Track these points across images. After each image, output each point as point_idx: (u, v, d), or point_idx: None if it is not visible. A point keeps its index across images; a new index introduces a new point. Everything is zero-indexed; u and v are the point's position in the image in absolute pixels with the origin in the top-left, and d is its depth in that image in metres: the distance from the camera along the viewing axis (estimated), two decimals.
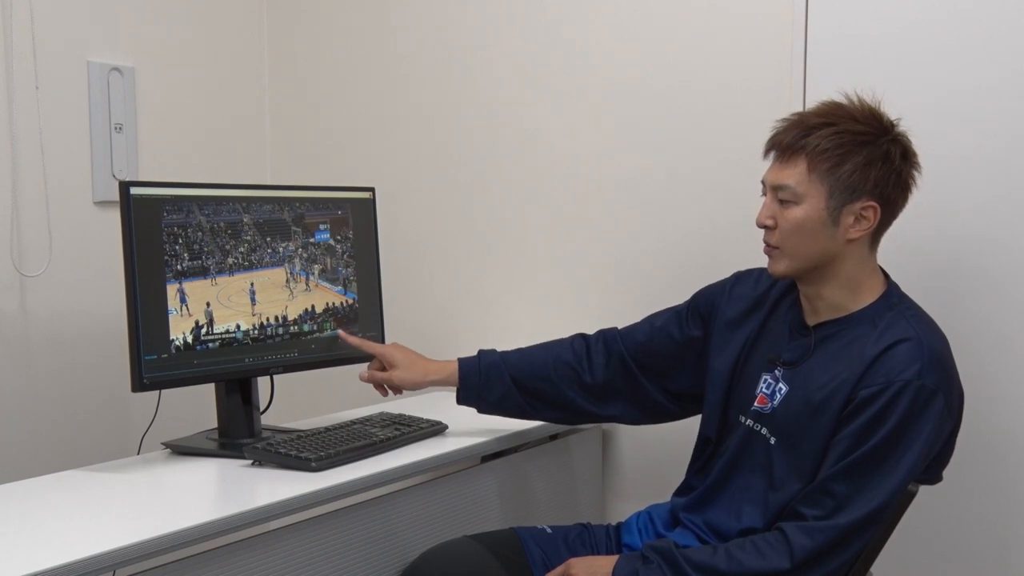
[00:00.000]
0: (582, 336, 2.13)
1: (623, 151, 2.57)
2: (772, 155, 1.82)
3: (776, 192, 1.79)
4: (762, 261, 1.89)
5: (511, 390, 2.10)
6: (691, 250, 2.49)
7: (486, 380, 2.10)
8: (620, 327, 2.14)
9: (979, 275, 2.16)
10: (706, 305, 2.03)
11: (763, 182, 1.84)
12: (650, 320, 2.11)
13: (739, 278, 2.03)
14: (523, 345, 2.18)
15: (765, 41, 2.36)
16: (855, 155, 1.74)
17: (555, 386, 2.09)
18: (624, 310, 2.58)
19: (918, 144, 1.83)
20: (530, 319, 2.71)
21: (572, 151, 2.64)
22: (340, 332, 2.24)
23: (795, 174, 1.76)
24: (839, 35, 2.26)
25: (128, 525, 1.64)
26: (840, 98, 1.82)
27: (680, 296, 2.40)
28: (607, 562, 1.81)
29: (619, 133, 2.57)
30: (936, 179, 2.10)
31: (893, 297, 1.82)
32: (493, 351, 2.15)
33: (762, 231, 1.84)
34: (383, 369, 2.17)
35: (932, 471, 1.80)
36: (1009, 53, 2.11)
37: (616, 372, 2.07)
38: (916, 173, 1.81)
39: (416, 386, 2.17)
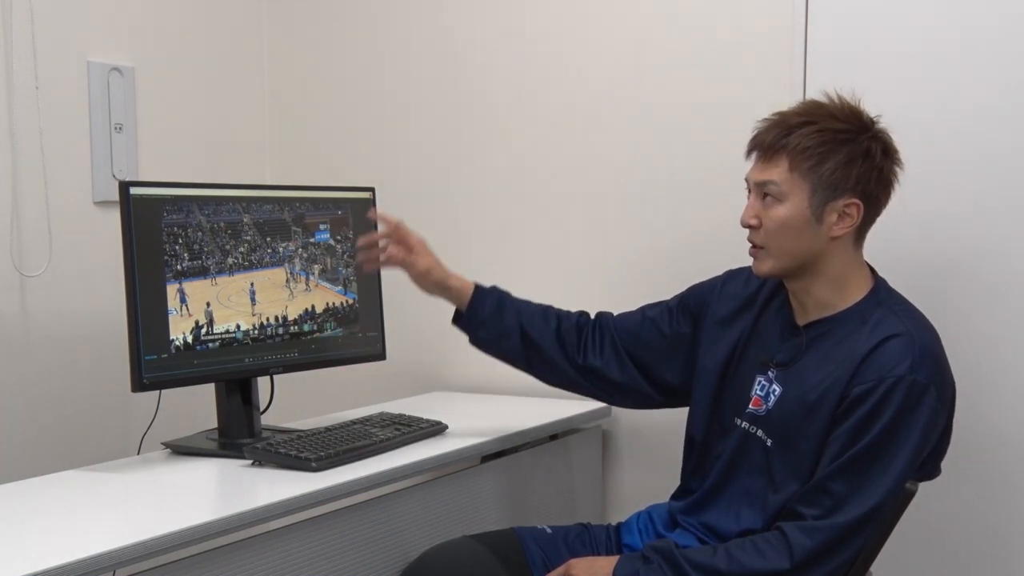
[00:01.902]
0: (586, 314, 2.12)
1: (622, 151, 2.57)
2: (755, 155, 1.83)
3: (759, 191, 1.80)
4: None
5: (513, 331, 2.05)
6: (690, 250, 2.48)
7: (497, 311, 2.05)
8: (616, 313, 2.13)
9: (969, 273, 2.16)
10: (696, 303, 2.03)
11: (747, 181, 1.84)
12: (643, 310, 2.10)
13: (730, 276, 2.03)
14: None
15: (764, 42, 2.36)
16: (836, 153, 1.74)
17: (554, 349, 2.06)
18: (622, 306, 2.59)
19: (914, 144, 1.84)
20: None
21: (571, 150, 2.64)
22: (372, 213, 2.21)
23: (777, 173, 1.77)
24: (838, 37, 2.26)
25: (128, 525, 1.64)
26: (822, 97, 1.83)
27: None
28: (607, 562, 1.81)
29: (618, 133, 2.57)
30: (933, 179, 2.11)
31: (881, 293, 1.82)
32: (509, 293, 2.11)
33: None
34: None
35: (929, 466, 1.80)
36: (1006, 55, 2.11)
37: (608, 358, 2.06)
38: (898, 169, 1.81)
39: (431, 288, 2.08)
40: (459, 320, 2.11)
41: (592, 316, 2.12)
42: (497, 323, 2.06)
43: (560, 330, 2.07)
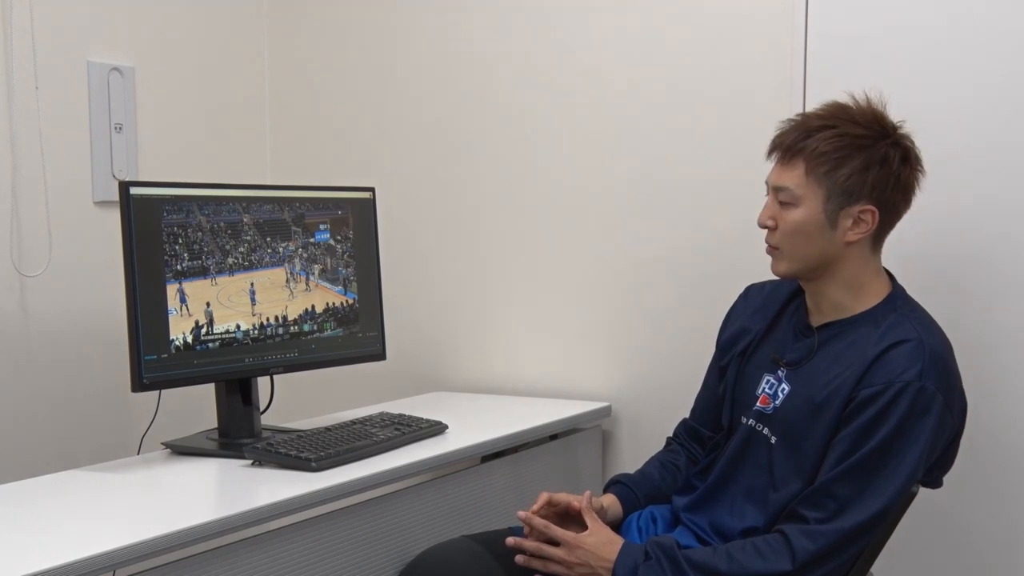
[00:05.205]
0: (674, 443, 2.10)
1: (623, 152, 2.57)
2: (775, 156, 1.82)
3: (777, 193, 1.80)
4: (763, 268, 1.89)
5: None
6: (689, 251, 2.48)
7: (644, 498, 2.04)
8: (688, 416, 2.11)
9: (985, 276, 2.15)
10: (729, 340, 2.01)
11: (766, 183, 1.84)
12: (703, 385, 2.08)
13: (748, 292, 2.05)
14: (526, 345, 2.11)
15: (765, 42, 2.36)
16: (852, 159, 1.74)
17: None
18: (622, 307, 2.59)
19: (918, 144, 1.83)
20: (529, 318, 2.71)
21: (572, 152, 2.64)
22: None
23: (794, 176, 1.77)
24: (839, 36, 2.26)
25: (128, 525, 1.64)
26: (846, 99, 1.82)
27: (675, 299, 2.41)
28: (611, 549, 1.78)
29: (619, 134, 2.57)
30: (937, 179, 2.10)
31: (897, 299, 1.82)
32: (632, 480, 2.04)
33: (763, 233, 1.84)
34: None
35: (933, 476, 1.81)
36: (1008, 53, 2.11)
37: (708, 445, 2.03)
38: (920, 175, 1.81)
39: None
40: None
41: (677, 437, 2.10)
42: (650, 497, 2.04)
43: (683, 473, 2.04)
